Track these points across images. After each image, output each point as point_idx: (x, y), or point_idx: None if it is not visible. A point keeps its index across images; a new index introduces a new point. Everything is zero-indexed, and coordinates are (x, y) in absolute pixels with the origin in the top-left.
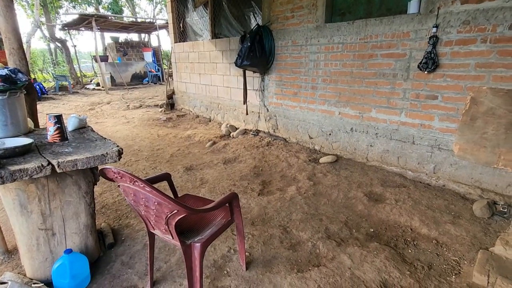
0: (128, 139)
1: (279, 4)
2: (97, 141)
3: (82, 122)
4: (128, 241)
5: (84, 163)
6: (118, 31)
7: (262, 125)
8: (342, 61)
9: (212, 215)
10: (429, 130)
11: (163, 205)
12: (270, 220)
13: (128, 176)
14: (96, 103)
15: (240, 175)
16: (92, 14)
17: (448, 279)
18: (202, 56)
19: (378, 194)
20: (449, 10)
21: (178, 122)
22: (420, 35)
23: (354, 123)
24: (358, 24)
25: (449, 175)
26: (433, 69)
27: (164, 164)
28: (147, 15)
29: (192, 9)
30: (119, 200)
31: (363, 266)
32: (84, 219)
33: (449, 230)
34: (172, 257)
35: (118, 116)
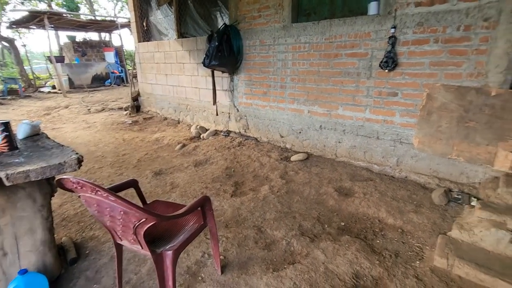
0: (90, 145)
1: (245, 3)
2: (53, 149)
3: (35, 128)
4: (93, 254)
5: (38, 174)
6: (75, 29)
7: (232, 125)
8: (309, 61)
9: (184, 220)
10: (391, 126)
11: (130, 214)
12: (244, 221)
13: (89, 185)
14: (52, 107)
15: (212, 177)
16: (44, 11)
17: (413, 264)
18: (168, 56)
19: (348, 189)
20: (405, 12)
21: (145, 125)
22: (380, 36)
23: (323, 121)
24: (323, 24)
25: (410, 167)
26: (393, 67)
27: (131, 169)
28: (107, 13)
29: (156, 8)
30: (81, 211)
31: (336, 260)
32: (41, 234)
33: (412, 219)
34: (142, 267)
35: (78, 120)
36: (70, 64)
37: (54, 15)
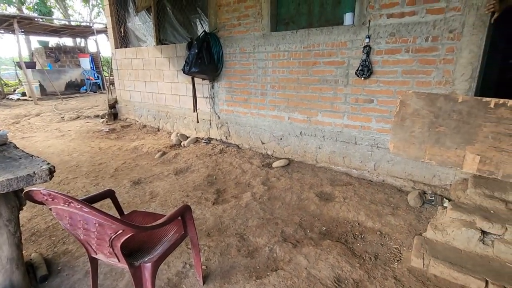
0: (64, 155)
1: (225, 12)
2: (21, 159)
3: (1, 138)
4: (66, 270)
5: (4, 187)
6: (48, 34)
7: (214, 132)
8: (289, 68)
9: (163, 231)
10: (368, 131)
11: (105, 226)
12: (226, 229)
13: (61, 197)
14: (22, 115)
15: (193, 185)
16: (14, 15)
17: (392, 266)
18: (147, 63)
19: (328, 194)
20: (378, 23)
21: (123, 133)
22: (356, 45)
23: (303, 127)
24: (301, 33)
25: (387, 170)
26: (368, 75)
27: (108, 179)
28: (82, 18)
29: (134, 14)
30: (53, 225)
31: (318, 265)
32: (7, 251)
33: (390, 221)
34: (120, 281)
35: (51, 129)
36: (42, 70)
37: (25, 19)
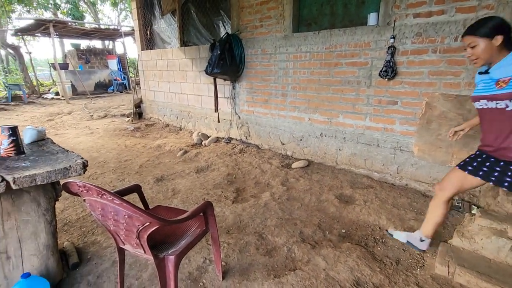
0: (93, 151)
1: (247, 13)
2: (58, 154)
3: (41, 134)
4: (95, 259)
5: (44, 178)
6: (80, 37)
7: (234, 132)
8: (310, 69)
9: (186, 225)
10: (391, 133)
11: (134, 218)
12: (245, 227)
13: (95, 189)
14: (55, 113)
15: (214, 184)
16: (50, 20)
17: (414, 272)
18: (171, 64)
19: (348, 196)
20: (404, 23)
21: (147, 132)
22: (379, 45)
23: (323, 128)
24: (324, 34)
25: (411, 174)
26: (392, 76)
27: (133, 175)
28: (111, 22)
29: (159, 17)
30: (83, 216)
31: (337, 267)
32: (44, 238)
33: (413, 226)
34: (144, 272)
35: (81, 126)
36: (73, 71)
37: (60, 23)
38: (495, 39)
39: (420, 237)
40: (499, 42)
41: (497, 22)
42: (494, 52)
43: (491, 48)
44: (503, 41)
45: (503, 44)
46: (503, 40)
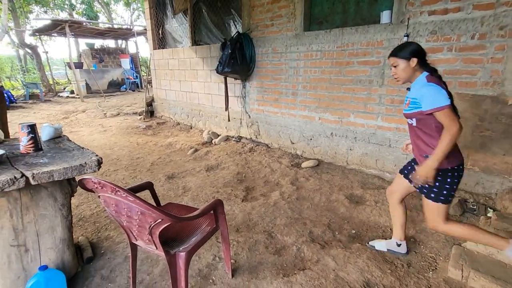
0: (106, 148)
1: (258, 12)
2: (74, 151)
3: (58, 131)
4: (108, 254)
5: (61, 174)
6: (94, 37)
7: (244, 131)
8: (321, 68)
9: (196, 223)
10: (404, 134)
11: (146, 215)
12: (255, 226)
13: (110, 185)
14: (70, 111)
15: (223, 182)
16: (66, 20)
17: (426, 275)
18: (182, 63)
19: (359, 196)
20: (418, 21)
21: (158, 130)
22: (392, 44)
23: (334, 128)
24: (335, 32)
25: None
26: None
27: (145, 173)
28: (124, 21)
29: (171, 16)
30: (97, 212)
31: (347, 267)
32: (61, 233)
33: (425, 228)
34: (155, 268)
35: (95, 124)
36: (88, 70)
37: (75, 23)
38: (412, 61)
39: (396, 242)
40: (414, 64)
41: (414, 47)
42: (411, 72)
43: (408, 68)
44: (418, 63)
45: (418, 65)
46: (418, 62)
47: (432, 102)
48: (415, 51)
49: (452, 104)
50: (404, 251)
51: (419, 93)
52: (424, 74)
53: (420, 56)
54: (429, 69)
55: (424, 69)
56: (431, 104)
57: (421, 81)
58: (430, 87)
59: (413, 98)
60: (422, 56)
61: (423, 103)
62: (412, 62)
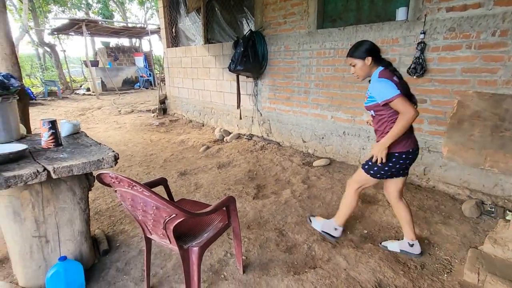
0: (121, 145)
1: (271, 10)
2: (92, 147)
3: (76, 127)
4: (123, 247)
5: (80, 169)
6: (109, 36)
7: (255, 129)
8: (334, 66)
9: (209, 218)
10: (419, 133)
11: (161, 209)
12: (266, 223)
13: (127, 180)
14: (86, 108)
15: (235, 179)
16: (83, 19)
17: (440, 277)
18: (195, 61)
19: (371, 196)
20: (436, 17)
21: (171, 127)
22: (408, 41)
23: (347, 127)
24: (349, 30)
25: (439, 176)
26: (421, 74)
27: (158, 169)
28: (138, 20)
29: (184, 15)
30: (112, 206)
31: (358, 267)
32: (79, 225)
33: (440, 230)
34: (168, 262)
35: (110, 121)
36: (103, 68)
37: (91, 22)
38: (367, 59)
39: (408, 243)
40: (370, 62)
41: (367, 46)
42: (367, 69)
43: (365, 67)
44: (373, 60)
45: (373, 62)
46: (372, 60)
47: (383, 94)
48: (369, 50)
49: (407, 93)
50: (418, 251)
51: (372, 88)
52: (378, 70)
53: (374, 54)
54: (384, 64)
55: (379, 65)
56: (382, 96)
57: (374, 77)
58: (379, 82)
59: (370, 92)
60: (376, 53)
61: (376, 96)
62: (367, 60)
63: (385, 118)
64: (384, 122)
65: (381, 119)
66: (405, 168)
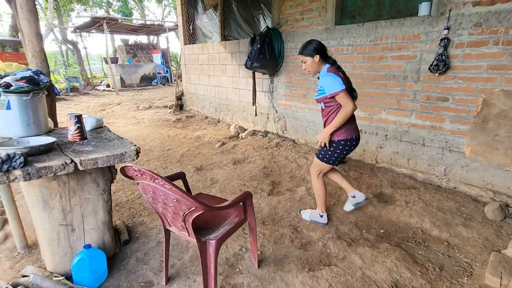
0: (139, 139)
1: (288, 7)
2: (114, 141)
3: (99, 122)
4: (142, 238)
5: (104, 162)
6: (128, 33)
7: (271, 126)
8: (352, 63)
9: (226, 213)
10: (439, 132)
11: (181, 202)
12: (281, 219)
13: (149, 173)
14: (106, 103)
15: (250, 176)
16: (104, 17)
17: (460, 280)
18: (211, 58)
19: (388, 196)
20: (461, 12)
21: (187, 123)
22: (431, 37)
23: (363, 125)
24: (368, 26)
25: (460, 177)
26: (444, 71)
27: (175, 164)
28: (155, 18)
29: (202, 12)
30: (132, 199)
31: (374, 266)
32: (102, 215)
33: (461, 232)
34: (185, 254)
35: (129, 116)
36: (122, 65)
37: (112, 20)
38: (315, 57)
39: (319, 213)
40: (318, 59)
41: (315, 45)
42: (316, 66)
43: (314, 63)
44: (320, 58)
45: (321, 60)
46: (320, 57)
47: (331, 88)
48: (316, 48)
49: (350, 87)
50: (325, 221)
51: (322, 81)
52: (326, 66)
53: (321, 52)
54: (330, 62)
55: (326, 62)
56: (330, 89)
57: (323, 72)
58: (328, 77)
59: (320, 86)
60: (323, 51)
61: (325, 89)
62: (315, 58)
63: (333, 109)
64: (333, 113)
65: (329, 111)
66: (347, 154)
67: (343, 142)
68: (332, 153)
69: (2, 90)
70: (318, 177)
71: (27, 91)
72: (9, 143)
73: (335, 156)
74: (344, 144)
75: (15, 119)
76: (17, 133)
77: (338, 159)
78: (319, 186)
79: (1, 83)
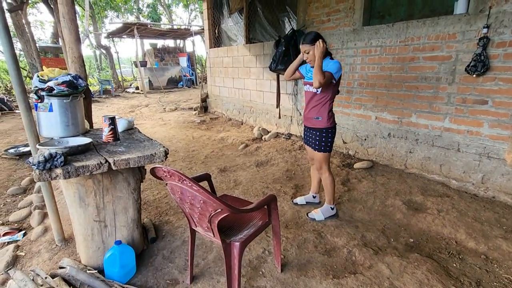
0: (166, 140)
1: (314, 8)
2: (145, 142)
3: (130, 123)
4: (168, 237)
5: (136, 162)
6: (156, 37)
7: (294, 128)
8: (380, 65)
9: (250, 215)
10: (476, 137)
11: (208, 204)
12: (304, 224)
13: (177, 174)
14: (135, 105)
15: (273, 178)
16: (134, 23)
17: None
18: (236, 61)
19: (418, 203)
20: (502, 10)
21: (212, 125)
22: (468, 37)
23: (392, 128)
24: (399, 26)
25: (500, 186)
26: (483, 72)
27: (200, 165)
28: (182, 22)
29: (227, 16)
30: (159, 198)
31: (403, 277)
32: (132, 213)
33: (501, 246)
34: (209, 254)
35: (156, 118)
36: (150, 68)
37: (142, 25)
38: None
39: (312, 195)
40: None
41: (315, 34)
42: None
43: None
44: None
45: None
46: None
47: (339, 72)
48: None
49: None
50: (318, 200)
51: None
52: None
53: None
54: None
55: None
56: (339, 73)
57: (326, 60)
58: (336, 62)
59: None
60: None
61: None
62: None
63: (326, 98)
64: (325, 103)
65: (322, 97)
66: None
67: (334, 127)
68: (331, 139)
69: (45, 94)
70: (329, 171)
71: (67, 94)
72: (51, 143)
73: (331, 141)
74: (334, 128)
75: (56, 120)
76: (57, 133)
77: (332, 144)
78: (332, 180)
79: (45, 87)
